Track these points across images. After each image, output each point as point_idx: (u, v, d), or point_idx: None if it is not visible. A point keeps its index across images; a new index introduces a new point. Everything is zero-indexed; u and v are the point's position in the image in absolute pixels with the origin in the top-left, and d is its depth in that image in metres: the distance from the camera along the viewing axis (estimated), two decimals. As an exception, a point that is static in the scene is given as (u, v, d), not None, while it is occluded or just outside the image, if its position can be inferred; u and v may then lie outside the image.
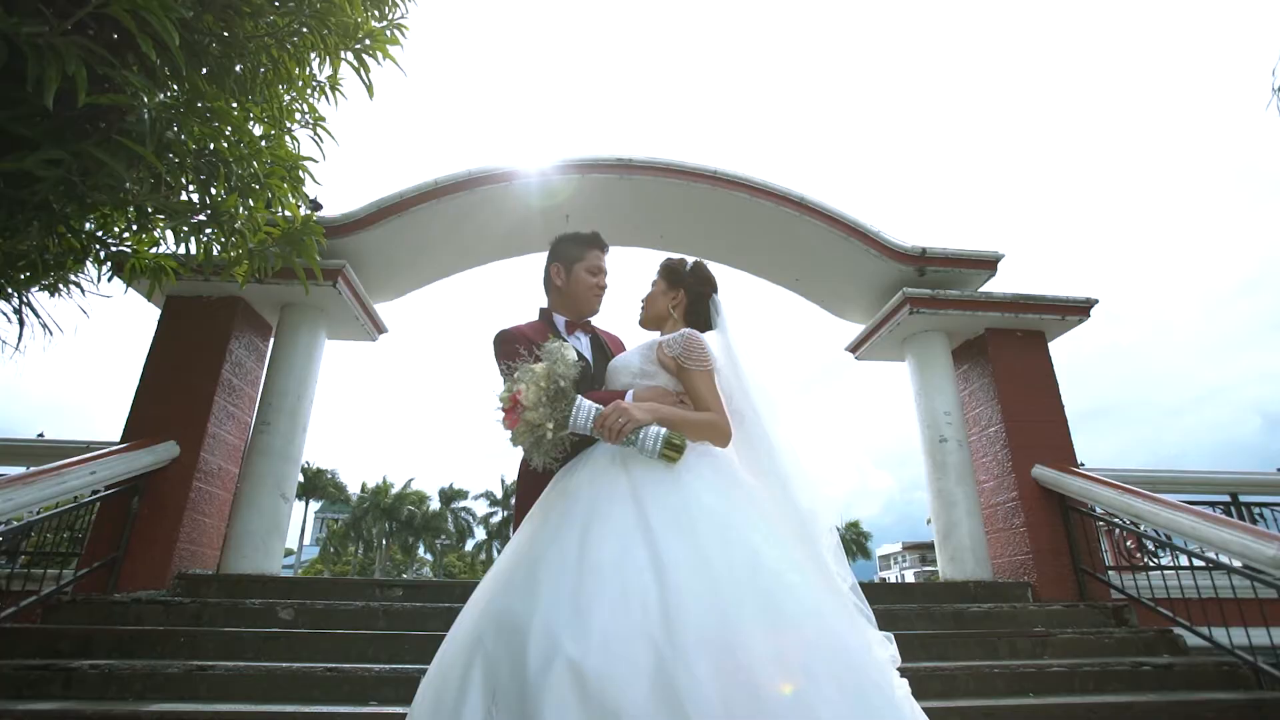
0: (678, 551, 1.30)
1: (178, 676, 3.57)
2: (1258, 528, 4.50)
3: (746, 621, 1.20)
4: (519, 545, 1.52)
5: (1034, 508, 5.88)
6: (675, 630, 1.17)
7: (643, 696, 1.09)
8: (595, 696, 1.09)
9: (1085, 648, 4.53)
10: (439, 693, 1.30)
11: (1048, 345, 6.66)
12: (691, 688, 1.10)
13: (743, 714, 1.09)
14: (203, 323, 5.42)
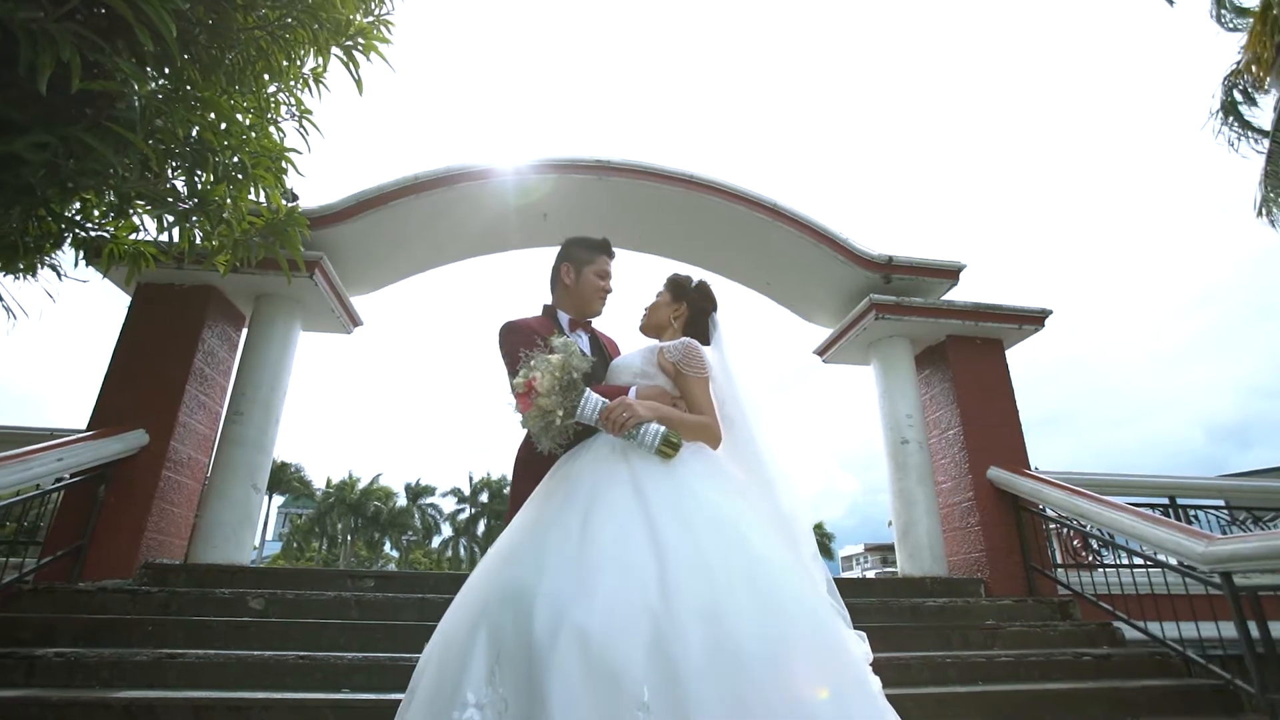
0: (674, 534, 1.39)
1: (146, 664, 3.54)
2: (1190, 527, 4.77)
3: (736, 600, 1.30)
4: (523, 523, 1.59)
5: (988, 508, 6.11)
6: (672, 604, 1.26)
7: (641, 660, 1.18)
8: (598, 658, 1.17)
9: (1032, 640, 4.74)
10: (443, 657, 1.36)
11: (1005, 353, 6.92)
12: (685, 655, 1.19)
13: (730, 682, 1.18)
14: (175, 311, 5.33)
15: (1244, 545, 3.78)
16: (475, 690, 1.23)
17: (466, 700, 1.23)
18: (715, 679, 1.18)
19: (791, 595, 1.40)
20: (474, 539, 52.16)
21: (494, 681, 1.24)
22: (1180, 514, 6.74)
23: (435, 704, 1.28)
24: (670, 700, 1.14)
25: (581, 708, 1.13)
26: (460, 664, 1.29)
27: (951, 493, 6.46)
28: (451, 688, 1.27)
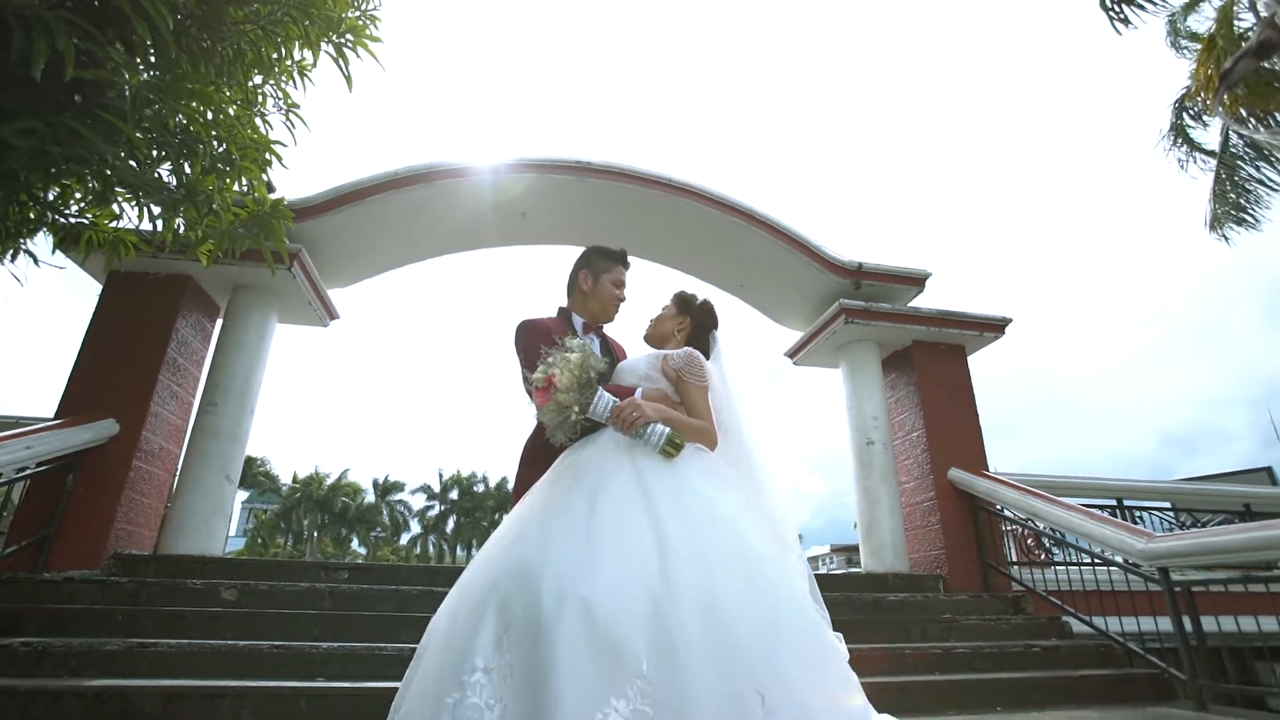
0: (674, 524, 1.48)
1: (117, 653, 3.50)
2: (1134, 526, 5.01)
3: (730, 587, 1.39)
4: (530, 507, 1.66)
5: (948, 507, 6.32)
6: (671, 586, 1.35)
7: (641, 634, 1.27)
8: (602, 630, 1.26)
9: (986, 633, 4.93)
10: (451, 626, 1.43)
11: (967, 359, 7.15)
12: (682, 633, 1.28)
13: (724, 661, 1.27)
14: (149, 300, 5.25)
15: (1180, 543, 4.00)
16: (484, 656, 1.31)
17: (475, 665, 1.30)
18: (710, 657, 1.27)
19: (783, 589, 1.50)
20: (443, 536, 51.67)
21: (501, 649, 1.31)
22: (1127, 514, 7.05)
23: (443, 669, 1.35)
24: (667, 671, 1.23)
25: (584, 673, 1.21)
26: (469, 633, 1.36)
27: (914, 492, 6.67)
28: (460, 654, 1.34)
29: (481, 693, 1.27)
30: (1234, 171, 8.81)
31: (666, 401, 1.87)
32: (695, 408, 1.87)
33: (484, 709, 1.25)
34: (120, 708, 3.12)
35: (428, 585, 4.78)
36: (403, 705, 1.42)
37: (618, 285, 2.33)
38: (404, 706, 1.41)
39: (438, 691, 1.32)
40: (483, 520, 52.03)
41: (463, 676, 1.30)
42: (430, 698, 1.33)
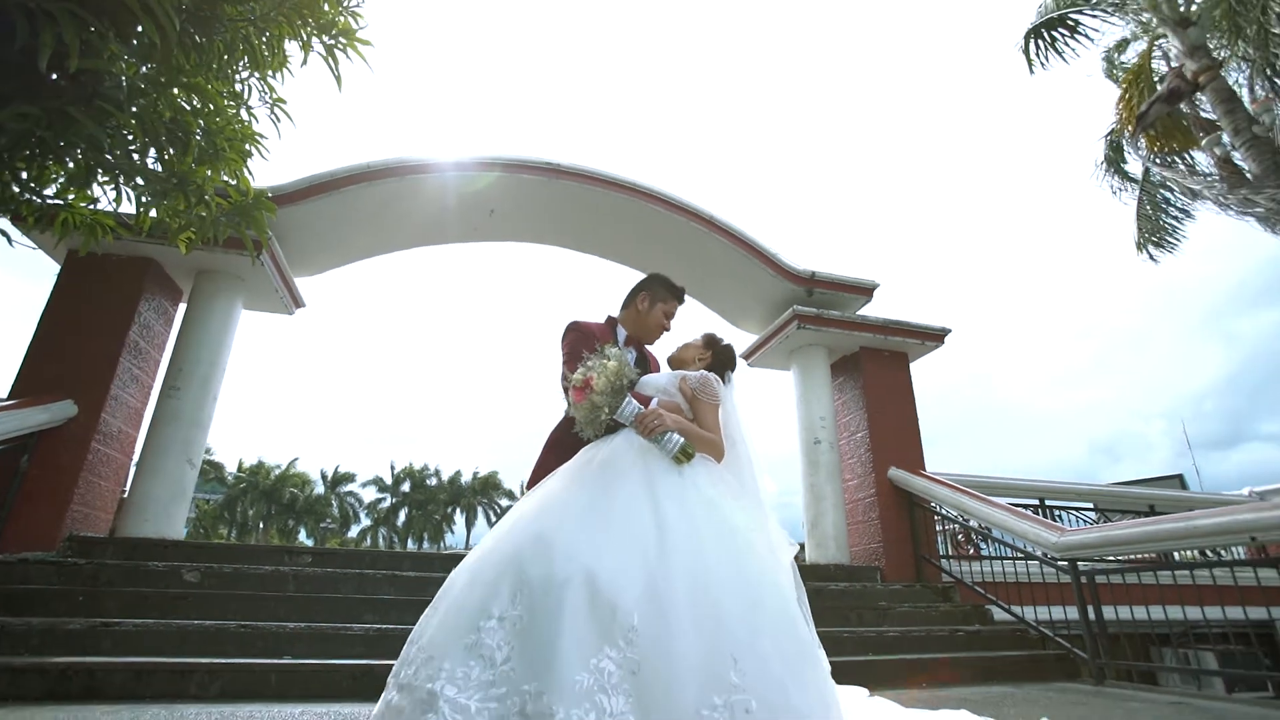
0: (674, 516, 1.68)
1: (80, 632, 3.50)
2: (1050, 521, 5.43)
3: (720, 572, 1.59)
4: (551, 490, 1.84)
5: (888, 504, 6.69)
6: (666, 565, 1.55)
7: (635, 599, 1.47)
8: (603, 595, 1.46)
9: (916, 619, 5.28)
10: (472, 579, 1.60)
11: (909, 365, 7.55)
12: (671, 602, 1.49)
13: (705, 627, 1.47)
14: (111, 282, 5.15)
15: (1086, 536, 4.40)
16: (500, 607, 1.49)
17: (491, 614, 1.49)
18: (694, 624, 1.47)
19: (767, 580, 1.70)
20: (394, 528, 50.73)
21: (515, 602, 1.49)
22: (1048, 513, 7.57)
23: (463, 613, 1.52)
24: (654, 631, 1.42)
25: (583, 627, 1.41)
26: (489, 588, 1.54)
27: (857, 489, 7.02)
28: (479, 604, 1.52)
29: (495, 636, 1.45)
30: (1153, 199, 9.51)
31: (680, 414, 2.06)
32: (705, 422, 2.07)
33: (495, 649, 1.43)
34: (87, 684, 3.14)
35: (391, 570, 4.85)
36: (423, 638, 1.57)
37: (668, 316, 2.52)
38: (423, 639, 1.56)
39: (457, 632, 1.48)
40: (435, 514, 51.29)
41: (480, 622, 1.48)
42: (450, 636, 1.50)
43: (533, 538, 1.61)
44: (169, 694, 3.18)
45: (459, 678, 1.41)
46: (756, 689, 1.41)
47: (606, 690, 1.34)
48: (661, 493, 1.74)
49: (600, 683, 1.34)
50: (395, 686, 1.53)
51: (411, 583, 4.64)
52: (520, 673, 1.39)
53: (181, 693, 3.20)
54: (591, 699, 1.32)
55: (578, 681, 1.34)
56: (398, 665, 1.59)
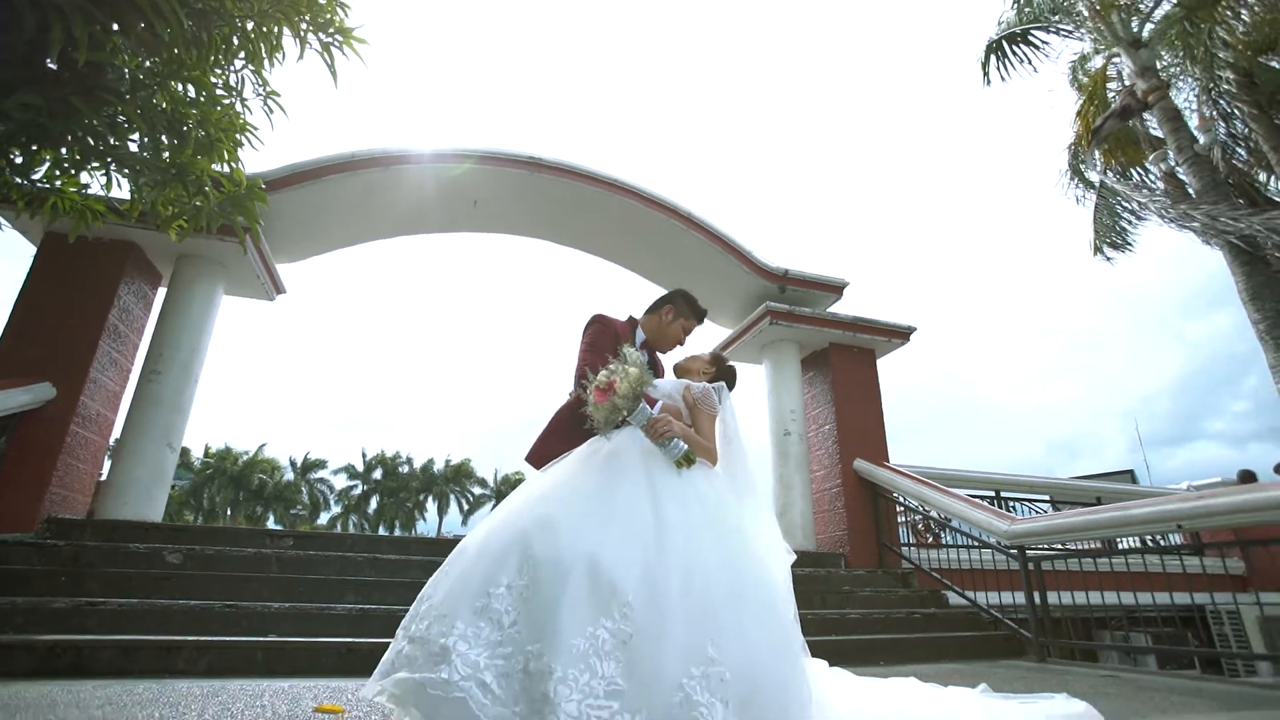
0: (672, 513, 1.83)
1: (64, 611, 3.53)
2: (1002, 511, 5.72)
3: (707, 560, 1.75)
4: (557, 479, 1.97)
5: (853, 494, 6.93)
6: (662, 555, 1.70)
7: (633, 581, 1.61)
8: (603, 573, 1.60)
9: (877, 602, 5.53)
10: (482, 550, 1.73)
11: (876, 362, 7.80)
12: (664, 585, 1.63)
13: (692, 608, 1.62)
14: (90, 265, 5.10)
15: (1034, 524, 4.67)
16: (508, 577, 1.63)
17: (500, 582, 1.63)
18: (683, 605, 1.62)
19: (754, 572, 1.85)
20: (365, 516, 50.28)
21: (522, 573, 1.63)
22: (1003, 505, 7.92)
23: (473, 580, 1.65)
24: (647, 609, 1.57)
25: (584, 600, 1.56)
26: (498, 559, 1.67)
27: (824, 480, 7.26)
28: (489, 572, 1.65)
29: (503, 602, 1.59)
30: (1109, 204, 9.91)
31: (679, 418, 2.21)
32: (702, 430, 2.23)
33: (503, 613, 1.58)
34: (74, 661, 3.18)
35: (371, 552, 4.93)
36: (434, 598, 1.70)
37: (685, 332, 2.67)
38: (435, 599, 1.69)
39: (468, 596, 1.62)
40: (406, 501, 50.97)
41: (489, 589, 1.62)
42: (462, 599, 1.63)
43: (541, 519, 1.75)
44: (156, 670, 3.24)
45: (470, 635, 1.54)
46: (732, 663, 1.57)
47: (600, 655, 1.49)
48: (663, 492, 1.89)
49: (595, 648, 1.49)
50: (407, 639, 1.65)
51: (391, 565, 4.73)
52: (525, 635, 1.53)
53: (169, 669, 3.26)
54: (586, 661, 1.47)
55: (575, 645, 1.49)
56: (407, 620, 1.72)
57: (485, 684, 1.48)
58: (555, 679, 1.45)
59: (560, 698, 1.42)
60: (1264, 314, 5.95)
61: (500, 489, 54.11)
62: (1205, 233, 6.20)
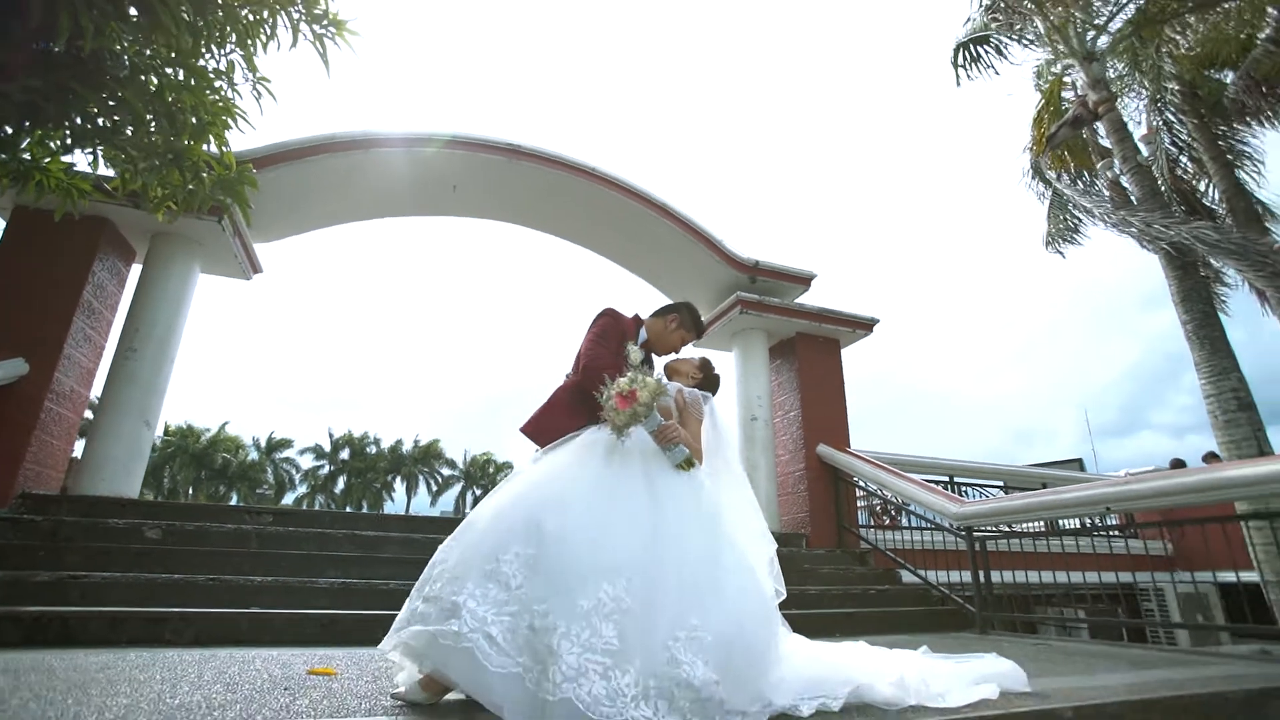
0: (665, 502, 2.02)
1: (48, 584, 3.56)
2: (952, 495, 6.05)
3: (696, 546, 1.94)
4: (562, 462, 2.14)
5: (815, 477, 7.23)
6: (656, 538, 1.89)
7: (632, 561, 1.80)
8: (607, 552, 1.79)
9: (835, 579, 5.83)
10: (495, 521, 1.89)
11: (840, 351, 8.08)
12: (659, 565, 1.82)
13: (685, 587, 1.82)
14: (63, 240, 5.01)
15: (980, 507, 4.99)
16: (519, 546, 1.80)
17: (511, 549, 1.79)
18: (675, 583, 1.82)
19: (733, 556, 2.04)
20: (331, 496, 49.69)
21: (531, 543, 1.80)
22: (957, 490, 8.32)
23: (483, 547, 1.82)
24: (643, 581, 1.77)
25: (588, 568, 1.75)
26: (509, 530, 1.84)
27: (788, 463, 7.54)
28: (501, 540, 1.82)
29: (511, 567, 1.76)
30: (1061, 201, 10.34)
31: (670, 417, 2.38)
32: (691, 431, 2.41)
33: (510, 577, 1.75)
34: (61, 632, 3.23)
35: (350, 529, 5.02)
36: (447, 563, 1.85)
37: (683, 342, 2.83)
38: (448, 564, 1.84)
39: (478, 561, 1.78)
40: (374, 482, 50.49)
41: (499, 555, 1.79)
42: (472, 564, 1.79)
43: (550, 498, 1.93)
44: (143, 640, 3.30)
45: (478, 595, 1.71)
46: (712, 630, 1.77)
47: (600, 618, 1.68)
48: (658, 484, 2.09)
49: (597, 611, 1.68)
50: (421, 598, 1.80)
51: (370, 541, 4.83)
52: (531, 596, 1.71)
53: (156, 639, 3.33)
54: (588, 620, 1.66)
55: (580, 606, 1.68)
56: (421, 583, 1.87)
57: (491, 636, 1.64)
58: (559, 634, 1.63)
59: (563, 650, 1.60)
60: (1191, 315, 6.37)
61: (469, 470, 53.91)
62: (1142, 238, 6.60)
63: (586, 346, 2.52)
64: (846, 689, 2.01)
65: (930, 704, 2.02)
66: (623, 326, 2.61)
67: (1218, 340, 6.05)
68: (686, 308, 2.84)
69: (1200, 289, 6.43)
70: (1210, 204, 8.10)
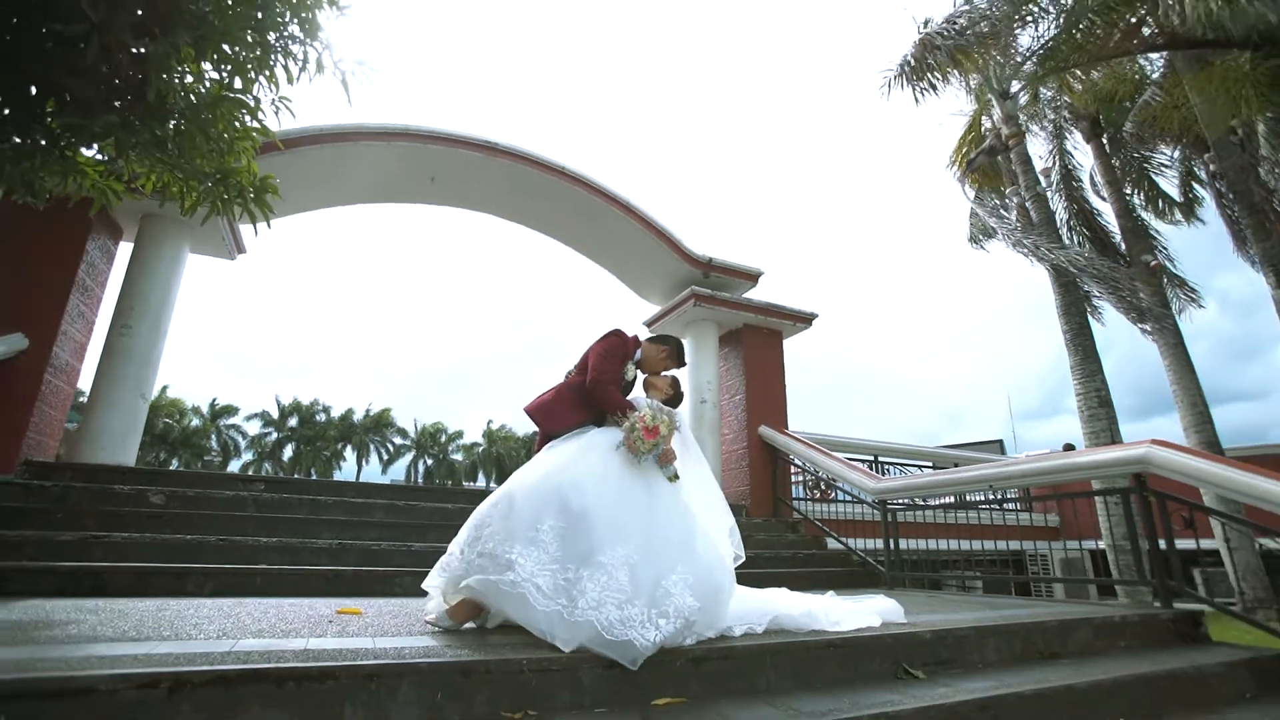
0: (655, 492, 2.62)
1: (72, 543, 3.90)
2: (871, 472, 6.87)
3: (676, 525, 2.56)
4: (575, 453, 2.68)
5: (756, 455, 7.96)
6: (651, 516, 2.49)
7: (637, 531, 2.39)
8: (620, 523, 2.38)
9: (770, 544, 6.57)
10: (527, 498, 2.42)
11: (783, 342, 8.80)
12: (654, 534, 2.43)
13: (671, 550, 2.42)
14: (58, 219, 5.16)
15: (892, 483, 5.78)
16: (551, 520, 2.35)
17: (544, 521, 2.35)
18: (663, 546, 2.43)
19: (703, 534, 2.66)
20: (279, 463, 48.68)
21: (560, 518, 2.36)
22: (881, 468, 9.23)
23: (524, 518, 2.36)
24: (644, 544, 2.37)
25: (608, 535, 2.33)
26: (542, 505, 2.39)
27: (733, 442, 8.25)
28: (535, 515, 2.36)
29: (547, 535, 2.32)
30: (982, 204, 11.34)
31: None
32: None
33: (547, 543, 2.31)
34: (94, 584, 3.60)
35: (337, 496, 5.44)
36: (492, 526, 2.38)
37: (665, 367, 3.33)
38: (493, 528, 2.37)
39: (521, 529, 2.33)
40: (324, 450, 49.67)
41: (537, 525, 2.34)
42: (518, 531, 2.34)
43: (571, 482, 2.49)
44: (169, 591, 3.69)
45: (526, 554, 2.28)
46: (692, 573, 2.40)
47: (617, 569, 2.27)
48: (650, 479, 2.69)
49: (614, 563, 2.28)
50: (477, 553, 2.34)
51: (357, 507, 5.27)
52: (565, 558, 2.29)
53: (180, 591, 3.73)
54: (609, 571, 2.26)
55: (600, 561, 2.27)
56: (471, 540, 2.41)
57: (538, 585, 2.22)
58: (586, 579, 2.23)
59: (588, 590, 2.20)
60: (1070, 326, 7.35)
61: (420, 440, 53.60)
62: (1033, 257, 7.52)
63: (595, 361, 3.03)
64: (767, 618, 2.67)
65: (829, 629, 2.69)
66: (627, 347, 3.14)
67: (1089, 348, 7.05)
68: (677, 343, 3.37)
69: (1078, 304, 7.41)
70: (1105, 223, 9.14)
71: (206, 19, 2.55)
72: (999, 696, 2.34)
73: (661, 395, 3.20)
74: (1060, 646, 3.12)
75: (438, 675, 1.89)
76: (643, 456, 2.71)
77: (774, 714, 2.05)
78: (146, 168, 3.01)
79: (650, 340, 3.36)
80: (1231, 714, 2.71)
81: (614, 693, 2.09)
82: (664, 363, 3.32)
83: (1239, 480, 3.41)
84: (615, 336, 3.16)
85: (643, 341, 3.34)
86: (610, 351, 3.07)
